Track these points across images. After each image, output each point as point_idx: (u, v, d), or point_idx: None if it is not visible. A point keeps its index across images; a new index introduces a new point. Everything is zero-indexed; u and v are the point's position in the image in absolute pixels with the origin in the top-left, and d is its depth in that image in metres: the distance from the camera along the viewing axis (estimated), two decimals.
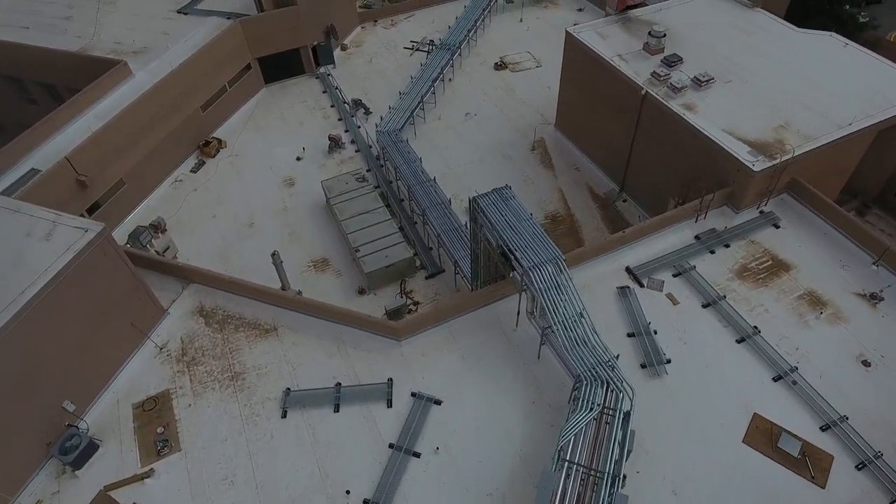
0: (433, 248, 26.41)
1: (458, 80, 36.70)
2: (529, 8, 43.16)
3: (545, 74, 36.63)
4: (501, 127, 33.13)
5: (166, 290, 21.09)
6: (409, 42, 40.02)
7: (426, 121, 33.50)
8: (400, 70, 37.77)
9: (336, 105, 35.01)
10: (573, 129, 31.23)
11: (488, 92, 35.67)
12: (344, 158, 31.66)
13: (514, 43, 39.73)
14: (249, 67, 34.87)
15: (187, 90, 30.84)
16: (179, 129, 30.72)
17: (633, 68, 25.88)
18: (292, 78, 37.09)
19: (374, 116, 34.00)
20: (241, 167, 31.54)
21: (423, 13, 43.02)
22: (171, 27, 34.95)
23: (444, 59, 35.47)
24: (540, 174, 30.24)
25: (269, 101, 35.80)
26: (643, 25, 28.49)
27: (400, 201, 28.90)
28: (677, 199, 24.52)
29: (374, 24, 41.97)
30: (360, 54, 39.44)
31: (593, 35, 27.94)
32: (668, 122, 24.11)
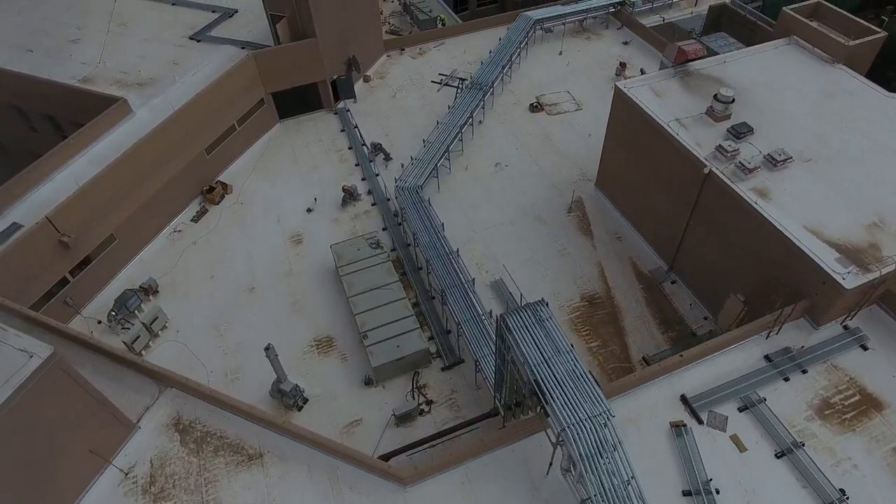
0: (451, 330, 23.21)
1: (488, 122, 33.32)
2: (570, 39, 39.50)
3: (586, 119, 33.06)
4: (535, 182, 29.67)
5: (141, 392, 18.27)
6: (437, 75, 36.73)
7: (451, 171, 30.22)
8: (426, 108, 34.55)
9: (354, 147, 31.95)
10: (616, 192, 27.63)
11: (522, 138, 32.21)
12: (358, 212, 28.59)
13: (552, 79, 36.15)
14: (262, 103, 32.01)
15: (192, 132, 28.08)
16: (180, 174, 27.99)
17: (695, 138, 22.22)
18: (309, 113, 34.14)
19: (395, 163, 30.85)
20: (246, 218, 28.69)
21: (454, 41, 39.67)
22: (182, 56, 32.34)
23: (475, 100, 32.09)
24: (577, 243, 26.73)
25: (282, 138, 32.91)
26: (705, 82, 24.76)
27: (417, 269, 25.73)
28: (741, 298, 20.89)
29: (401, 52, 38.79)
30: (383, 87, 36.30)
31: (647, 92, 24.31)
32: (734, 209, 20.42)
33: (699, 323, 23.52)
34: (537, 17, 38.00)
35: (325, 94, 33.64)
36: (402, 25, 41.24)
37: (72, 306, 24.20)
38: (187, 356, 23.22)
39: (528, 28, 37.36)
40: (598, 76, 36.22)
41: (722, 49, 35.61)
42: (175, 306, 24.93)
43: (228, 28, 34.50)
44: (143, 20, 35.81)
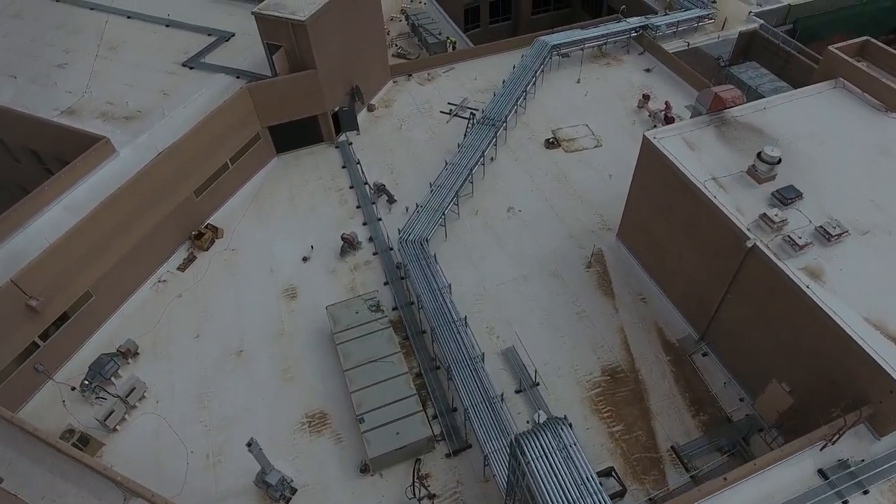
0: (458, 408, 20.91)
1: (501, 160, 30.91)
2: (589, 64, 36.98)
3: (606, 157, 30.61)
4: (551, 230, 27.26)
5: (103, 499, 16.11)
6: (446, 104, 34.37)
7: (460, 216, 27.87)
8: (434, 141, 32.20)
9: (356, 187, 29.66)
10: (641, 247, 25.19)
11: (537, 178, 29.79)
12: (358, 263, 26.31)
13: (569, 111, 33.68)
14: (258, 138, 29.76)
15: (180, 173, 25.88)
16: (167, 219, 25.81)
17: (735, 202, 19.75)
18: (308, 147, 31.87)
19: (399, 205, 28.54)
20: (237, 267, 26.48)
21: (464, 66, 37.26)
22: (173, 85, 30.21)
23: (486, 138, 29.68)
24: (597, 305, 24.32)
25: (279, 175, 30.65)
26: (743, 132, 22.28)
27: (421, 332, 23.45)
28: (787, 388, 18.45)
29: (409, 78, 36.42)
30: (388, 117, 33.96)
31: (679, 144, 21.85)
32: (782, 290, 17.96)
33: (734, 405, 21.07)
34: (554, 43, 35.52)
35: (326, 127, 31.37)
36: (410, 48, 38.88)
37: (42, 372, 22.09)
38: (166, 432, 21.06)
39: (545, 55, 34.90)
40: (618, 108, 33.74)
41: (753, 80, 33.13)
42: (156, 371, 22.79)
43: (224, 53, 32.29)
44: (134, 43, 33.72)
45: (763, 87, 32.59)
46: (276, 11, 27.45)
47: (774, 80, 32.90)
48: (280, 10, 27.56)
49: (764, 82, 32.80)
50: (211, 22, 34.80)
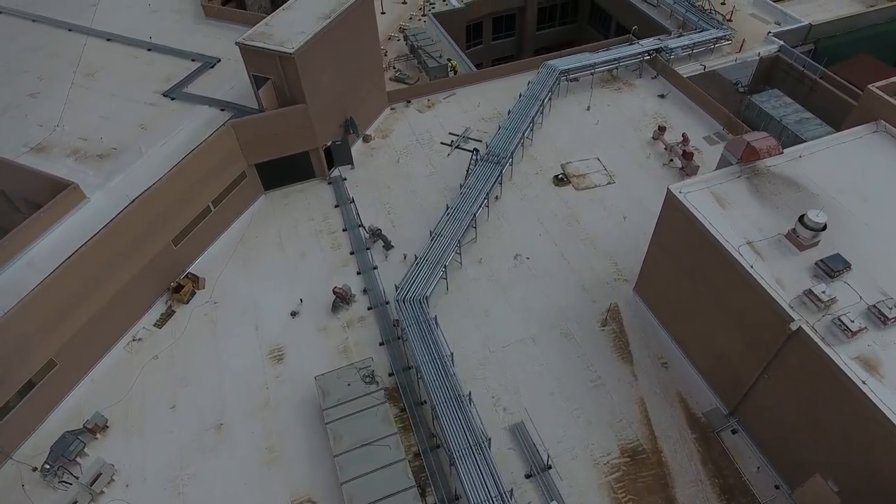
0: (461, 496, 18.70)
1: (506, 199, 28.66)
2: (599, 90, 34.72)
3: (619, 196, 28.39)
4: (562, 281, 25.04)
5: None
6: (447, 135, 32.10)
7: (462, 265, 25.64)
8: (434, 177, 29.95)
9: (349, 229, 27.42)
10: (661, 305, 22.99)
11: (545, 220, 27.54)
12: (351, 319, 24.09)
13: (579, 142, 31.43)
14: (244, 176, 27.52)
15: (158, 221, 23.67)
16: (142, 272, 23.61)
17: (774, 272, 17.53)
18: (299, 183, 29.62)
19: (397, 251, 26.31)
20: (218, 323, 24.26)
21: (466, 91, 34.98)
22: (151, 118, 27.97)
23: (491, 177, 27.42)
24: (613, 370, 22.11)
25: (266, 216, 28.39)
26: (779, 186, 20.04)
27: (420, 403, 21.24)
28: (834, 488, 16.28)
29: (407, 104, 34.14)
30: (385, 149, 31.69)
31: (707, 200, 19.60)
32: (830, 381, 15.79)
33: (769, 494, 18.89)
34: (563, 68, 33.25)
35: (318, 163, 29.12)
36: (409, 71, 36.57)
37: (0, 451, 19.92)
38: None
39: (553, 81, 32.64)
40: (632, 139, 31.49)
41: (776, 111, 30.93)
42: (126, 449, 20.59)
43: (208, 82, 30.02)
44: (113, 69, 31.46)
45: (787, 118, 30.38)
46: (263, 42, 25.18)
47: (799, 110, 30.67)
48: (267, 40, 25.30)
49: (788, 113, 30.57)
50: (195, 45, 32.52)
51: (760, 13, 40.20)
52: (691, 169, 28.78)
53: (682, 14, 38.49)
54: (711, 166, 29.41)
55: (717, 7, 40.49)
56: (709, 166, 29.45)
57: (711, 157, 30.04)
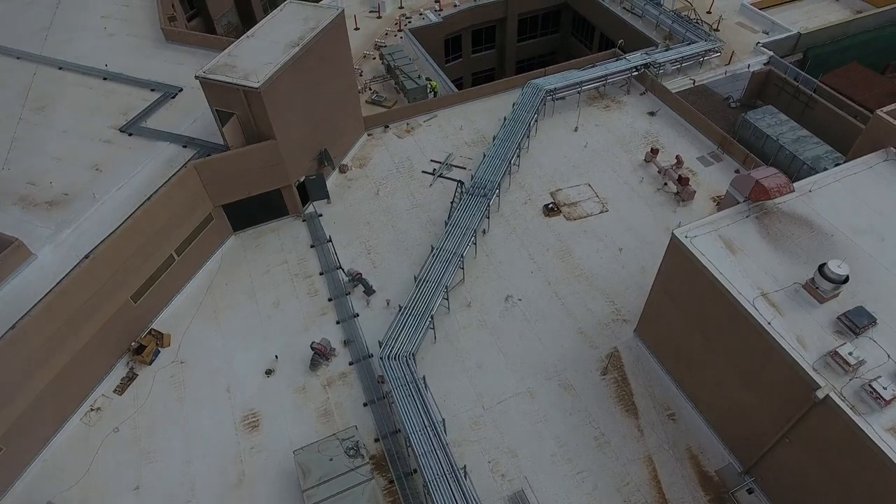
0: None
1: (494, 232, 26.92)
2: (587, 108, 33.14)
3: (613, 226, 26.81)
4: (557, 324, 23.37)
5: None
6: (428, 162, 30.24)
7: (450, 310, 23.84)
8: (416, 210, 28.07)
9: (326, 273, 25.45)
10: (666, 351, 21.44)
11: (537, 256, 25.85)
12: (332, 376, 22.15)
13: (568, 167, 29.79)
14: (210, 219, 25.39)
15: (115, 277, 21.45)
16: (98, 335, 21.40)
17: (794, 330, 16.02)
18: (272, 221, 27.55)
19: (379, 297, 24.42)
20: (186, 386, 22.14)
21: (448, 113, 33.15)
22: (107, 157, 25.74)
23: (478, 211, 25.62)
24: (618, 426, 20.48)
25: (237, 260, 26.27)
26: (790, 226, 18.55)
27: (411, 473, 19.39)
28: None
29: (386, 129, 32.21)
30: (363, 179, 29.72)
31: (716, 245, 18.03)
32: (861, 452, 14.32)
33: None
34: (549, 87, 31.58)
35: (291, 199, 27.06)
36: (386, 93, 34.60)
37: None
38: None
39: (539, 101, 30.97)
40: (623, 162, 29.95)
41: (772, 129, 29.59)
42: None
43: (169, 114, 27.79)
44: (65, 101, 29.07)
45: (784, 136, 29.06)
46: (225, 76, 23.07)
47: (796, 127, 29.37)
48: (229, 73, 23.20)
49: (784, 131, 29.26)
50: (156, 73, 30.23)
51: (748, 22, 39.01)
52: (687, 194, 27.33)
53: (669, 25, 37.13)
54: (707, 189, 28.20)
55: (703, 16, 39.26)
56: (705, 189, 28.14)
57: (707, 179, 28.73)
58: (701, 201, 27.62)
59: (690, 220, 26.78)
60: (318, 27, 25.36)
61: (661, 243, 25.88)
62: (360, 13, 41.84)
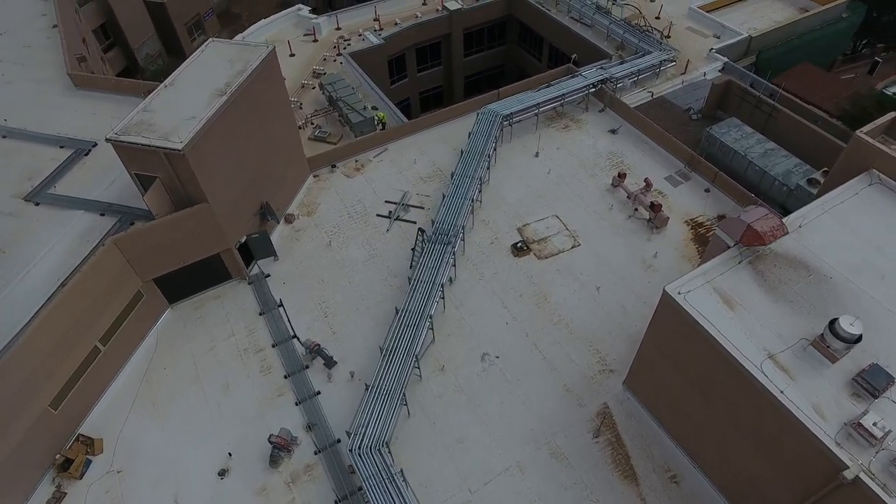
0: None
1: (462, 280, 24.74)
2: (545, 129, 31.35)
3: (587, 261, 25.08)
4: (540, 381, 21.42)
5: None
6: (383, 203, 27.77)
7: (422, 376, 21.55)
8: (375, 260, 25.58)
9: (280, 345, 22.72)
10: (661, 405, 19.73)
11: (510, 304, 23.83)
12: (296, 471, 19.49)
13: (533, 198, 27.89)
14: (140, 296, 22.25)
15: (25, 388, 18.18)
16: (12, 455, 18.07)
17: (809, 397, 14.48)
18: (213, 288, 24.56)
19: (342, 368, 21.89)
20: (125, 500, 19.10)
21: (399, 146, 30.74)
22: (11, 234, 22.33)
23: (442, 261, 23.40)
24: (619, 497, 18.61)
25: (175, 337, 23.15)
26: (786, 269, 17.10)
27: None
28: None
29: (333, 169, 29.54)
30: (313, 229, 27.00)
31: (712, 301, 16.37)
32: None
33: None
34: (505, 112, 29.61)
35: (233, 262, 24.15)
36: (330, 126, 31.85)
37: None
38: None
39: (496, 128, 28.96)
40: (589, 188, 28.28)
41: (739, 143, 28.55)
42: None
43: (83, 175, 24.45)
44: None
45: (751, 150, 28.02)
46: (142, 137, 19.99)
47: (762, 140, 28.38)
48: (146, 133, 20.13)
49: (751, 145, 28.22)
50: (64, 126, 26.71)
51: (697, 26, 38.15)
52: (661, 221, 25.87)
53: (621, 35, 35.77)
54: (679, 212, 26.84)
55: (653, 22, 38.16)
56: (677, 212, 26.78)
57: (678, 201, 27.41)
58: (675, 226, 26.23)
59: (666, 248, 25.80)
60: (246, 70, 22.53)
61: (638, 277, 24.62)
62: (295, 37, 38.91)
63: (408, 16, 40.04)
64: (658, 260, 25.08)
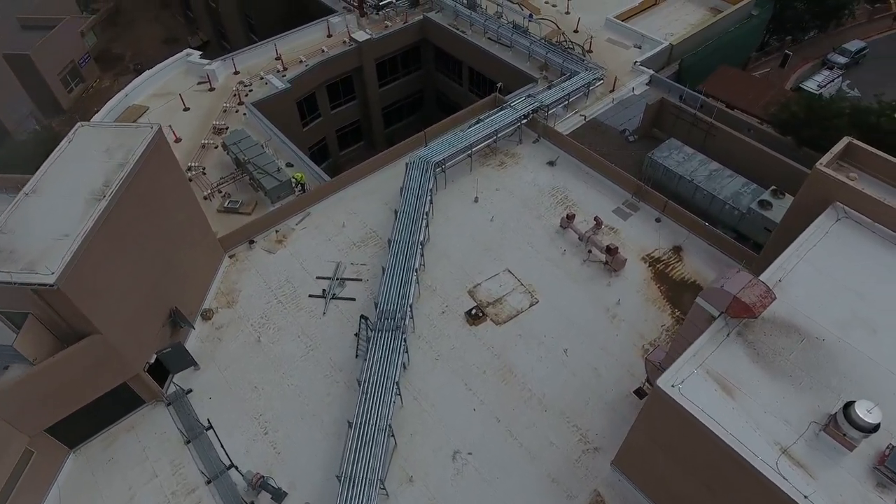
0: None
1: (416, 363, 21.92)
2: (480, 169, 29.05)
3: (550, 321, 23.01)
4: (521, 476, 19.06)
5: None
6: (314, 280, 24.53)
7: (389, 495, 18.68)
8: (314, 353, 22.33)
9: (215, 480, 19.14)
10: (657, 489, 17.91)
11: (475, 385, 21.31)
12: None
13: (479, 250, 25.54)
14: (31, 453, 18.05)
15: None
16: None
17: (833, 496, 12.87)
18: (125, 417, 20.57)
19: (295, 499, 18.68)
20: None
21: (324, 208, 27.46)
22: None
23: (392, 353, 20.54)
24: None
25: (81, 489, 19.00)
26: (777, 336, 15.54)
27: None
28: None
29: (251, 245, 25.93)
30: (237, 323, 23.37)
31: (709, 389, 14.48)
32: None
33: None
34: (437, 159, 27.04)
35: (143, 387, 20.26)
36: (242, 194, 28.04)
37: None
38: None
39: (429, 179, 26.34)
40: (538, 232, 26.22)
41: (682, 166, 27.51)
42: None
43: None
44: None
45: (697, 174, 26.92)
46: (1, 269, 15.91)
47: (705, 161, 27.34)
48: (7, 263, 16.05)
49: (695, 167, 27.11)
50: None
51: (617, 37, 37.03)
52: (618, 264, 24.19)
53: (543, 56, 33.97)
54: (635, 248, 25.31)
55: (572, 36, 36.68)
56: (632, 249, 25.25)
57: (630, 235, 25.90)
58: (633, 265, 24.62)
59: (628, 291, 24.06)
60: (129, 161, 18.68)
61: (604, 330, 22.72)
62: (187, 87, 34.58)
63: (313, 51, 36.57)
64: (622, 307, 23.37)
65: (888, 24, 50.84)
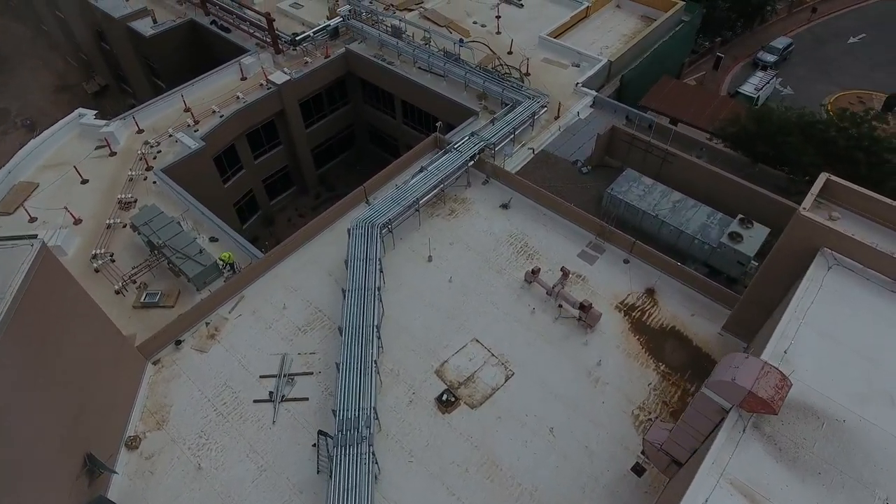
0: None
1: (388, 468, 19.09)
2: (430, 220, 26.52)
3: (530, 396, 20.84)
4: None
5: None
6: (258, 381, 21.28)
7: None
8: (268, 475, 19.10)
9: None
10: None
11: (456, 487, 18.75)
12: None
13: (441, 319, 23.01)
14: None
15: None
16: None
17: None
18: None
19: None
20: None
21: (258, 289, 24.12)
22: None
23: (362, 469, 17.71)
24: None
25: None
26: (795, 423, 13.85)
27: None
28: None
29: (178, 346, 22.31)
30: (170, 449, 19.82)
31: (734, 503, 12.69)
32: None
33: None
34: (381, 221, 24.27)
35: None
36: (161, 282, 24.25)
37: None
38: None
39: (376, 244, 23.56)
40: (501, 290, 23.96)
41: (643, 200, 26.26)
42: None
43: None
44: None
45: (660, 207, 25.42)
46: None
47: (666, 191, 25.87)
48: None
49: (657, 200, 25.60)
50: None
51: (553, 56, 35.33)
52: (593, 319, 22.28)
53: (481, 85, 31.72)
54: (606, 296, 23.52)
55: (507, 59, 34.67)
56: (603, 297, 23.47)
57: (599, 281, 24.12)
58: (607, 317, 22.78)
59: (607, 348, 22.06)
60: (9, 288, 14.98)
61: (589, 398, 20.69)
62: (84, 155, 30.14)
63: (227, 98, 32.79)
64: (603, 368, 21.46)
65: (807, 16, 51.90)
